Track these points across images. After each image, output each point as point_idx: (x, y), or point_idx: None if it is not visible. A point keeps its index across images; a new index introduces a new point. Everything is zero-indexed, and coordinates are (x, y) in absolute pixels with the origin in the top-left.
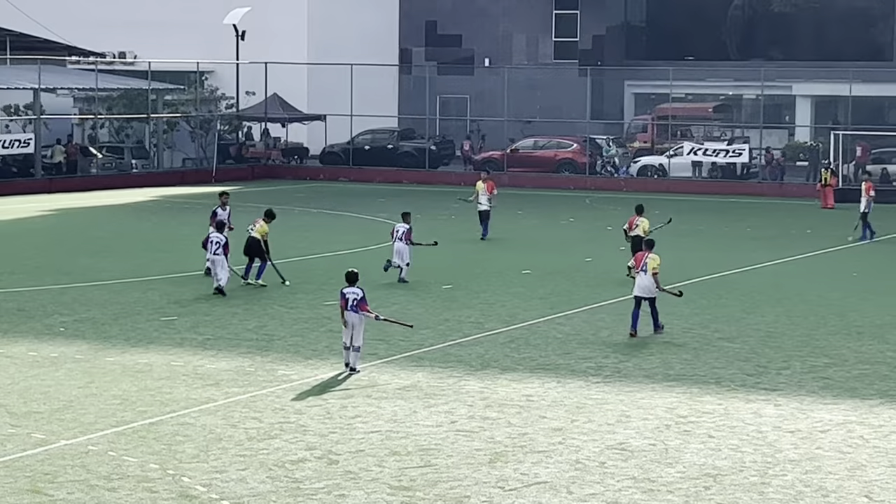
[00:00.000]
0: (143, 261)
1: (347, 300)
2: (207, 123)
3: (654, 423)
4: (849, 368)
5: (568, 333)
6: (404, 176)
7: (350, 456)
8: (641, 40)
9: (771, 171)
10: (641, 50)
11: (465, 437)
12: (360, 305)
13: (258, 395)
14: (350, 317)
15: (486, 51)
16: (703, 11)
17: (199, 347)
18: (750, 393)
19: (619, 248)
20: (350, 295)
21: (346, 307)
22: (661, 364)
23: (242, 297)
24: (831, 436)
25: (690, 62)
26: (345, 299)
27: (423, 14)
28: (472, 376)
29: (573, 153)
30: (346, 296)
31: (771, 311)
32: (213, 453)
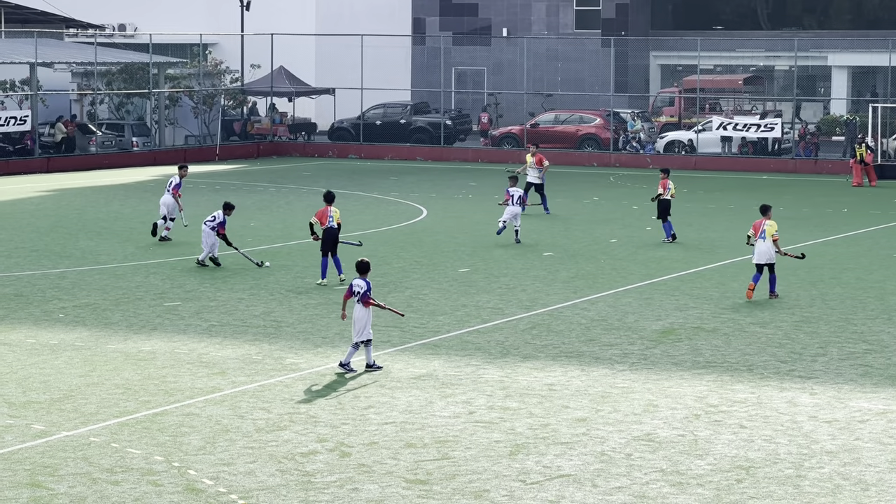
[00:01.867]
0: (145, 244)
1: (355, 293)
2: (211, 98)
3: (682, 413)
4: (889, 355)
5: (592, 319)
6: (418, 152)
7: (363, 448)
8: (667, 9)
9: (805, 146)
10: (667, 19)
11: (484, 428)
12: (363, 300)
13: (266, 385)
14: (357, 310)
15: (503, 20)
16: None
17: (204, 334)
18: (784, 381)
19: (647, 229)
20: (356, 287)
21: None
22: (691, 350)
23: (248, 282)
24: (871, 426)
25: (719, 31)
26: (351, 290)
27: None
28: (492, 364)
29: (596, 128)
30: (353, 287)
31: (805, 294)
32: (220, 445)
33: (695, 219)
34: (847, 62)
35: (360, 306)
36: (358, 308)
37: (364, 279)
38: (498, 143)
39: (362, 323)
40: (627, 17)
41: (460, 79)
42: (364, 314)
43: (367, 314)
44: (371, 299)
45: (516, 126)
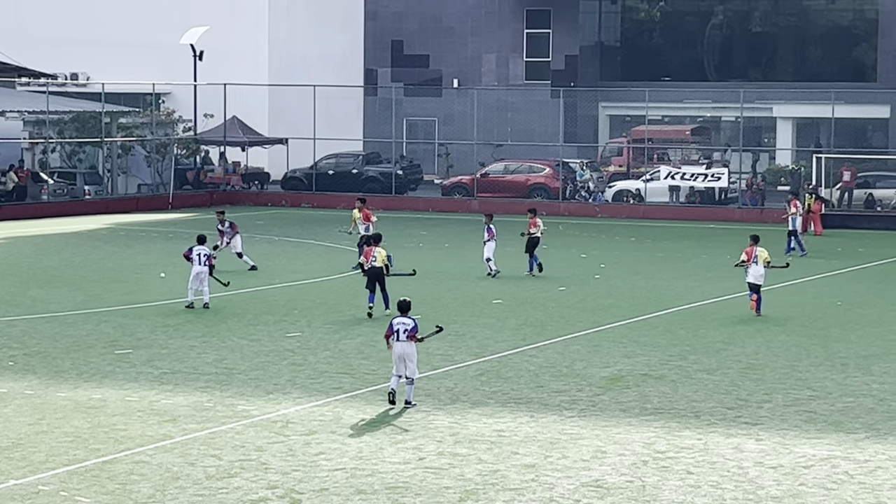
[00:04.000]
0: (96, 291)
1: (397, 331)
2: (164, 147)
3: (630, 459)
4: (833, 401)
5: (541, 366)
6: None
7: (314, 495)
8: (616, 61)
9: (751, 196)
10: (616, 70)
11: (434, 474)
12: (410, 335)
13: (217, 432)
14: (404, 347)
15: (454, 71)
16: (680, 31)
17: (155, 382)
18: (730, 427)
19: (595, 276)
20: (400, 326)
21: (397, 338)
22: (639, 397)
23: (200, 330)
24: (815, 471)
25: (667, 83)
26: (392, 330)
27: (388, 33)
28: (441, 411)
29: (545, 178)
30: (393, 326)
31: (751, 341)
32: (170, 493)
33: (643, 267)
34: (791, 113)
35: (408, 343)
36: (407, 345)
37: (409, 317)
38: (449, 193)
39: (414, 360)
40: (577, 69)
41: (412, 129)
42: (413, 350)
43: (415, 350)
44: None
45: (467, 176)
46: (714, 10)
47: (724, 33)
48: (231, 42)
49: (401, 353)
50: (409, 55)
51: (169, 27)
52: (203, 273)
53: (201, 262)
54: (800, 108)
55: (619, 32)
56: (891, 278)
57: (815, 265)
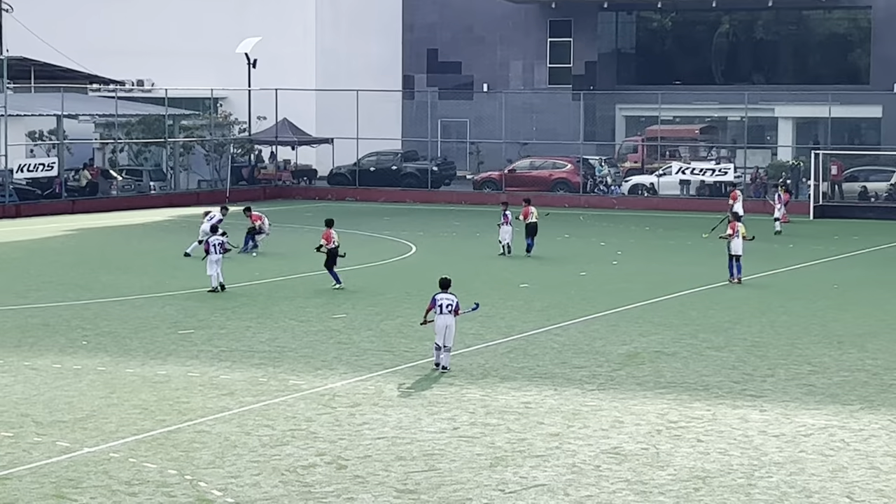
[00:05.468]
0: (160, 277)
1: (441, 305)
2: (221, 147)
3: (646, 429)
4: (830, 375)
5: (564, 343)
6: (408, 195)
7: (358, 461)
8: (632, 66)
9: (755, 188)
10: (632, 75)
11: (467, 442)
12: (454, 310)
13: (271, 404)
14: (446, 319)
15: (484, 77)
16: (690, 38)
17: (214, 359)
18: (737, 399)
19: (613, 263)
20: (445, 300)
21: (440, 311)
22: (653, 372)
23: (256, 312)
24: (814, 439)
25: (678, 86)
26: (435, 303)
27: (424, 43)
28: (474, 385)
29: (567, 173)
30: (437, 301)
31: (756, 321)
32: (228, 459)
33: (656, 254)
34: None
35: (451, 317)
36: (450, 318)
37: (451, 293)
38: (479, 187)
39: (452, 330)
40: (596, 74)
41: (445, 129)
42: (453, 323)
43: (455, 323)
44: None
45: (496, 171)
46: (721, 20)
47: (730, 41)
48: (282, 51)
49: (444, 325)
50: (443, 62)
51: (225, 38)
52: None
53: (217, 250)
54: (799, 109)
55: (634, 40)
56: (883, 263)
57: (814, 251)
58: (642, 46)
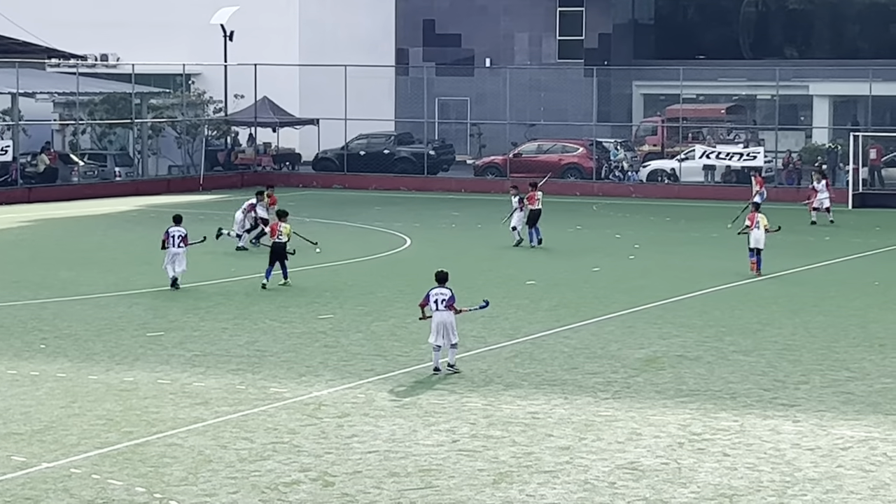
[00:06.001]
0: (127, 274)
1: (436, 301)
2: (194, 128)
3: (666, 441)
4: (871, 382)
5: (575, 347)
6: (402, 182)
7: (347, 478)
8: (650, 39)
9: (787, 174)
10: (650, 49)
11: (468, 456)
12: (449, 304)
13: (249, 414)
14: (442, 316)
15: (486, 51)
16: (715, 8)
17: (186, 364)
18: (767, 409)
19: (629, 257)
20: (439, 296)
21: (436, 308)
22: (674, 379)
23: (232, 311)
24: (853, 453)
25: (701, 61)
26: (429, 299)
27: (420, 12)
28: (475, 393)
29: (579, 157)
30: (431, 296)
31: (788, 322)
32: (202, 475)
33: (677, 247)
34: (828, 91)
35: (447, 312)
36: (446, 314)
37: (447, 287)
38: (481, 173)
39: (452, 326)
40: (610, 47)
41: (443, 109)
42: (452, 318)
43: (454, 318)
44: (455, 305)
45: (499, 156)
46: None
47: (760, 10)
48: (261, 22)
49: (440, 322)
50: (441, 34)
51: (199, 7)
52: (179, 254)
53: (175, 243)
54: (836, 86)
55: (652, 10)
56: None
57: (853, 244)
58: (662, 17)
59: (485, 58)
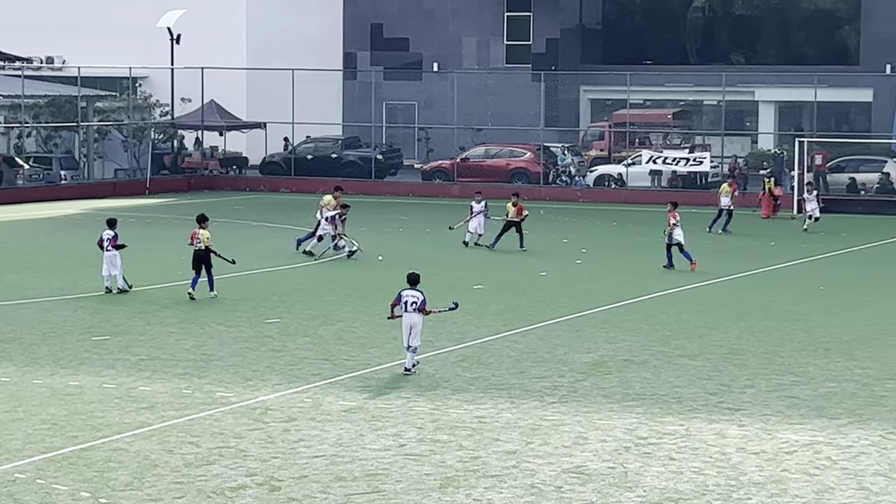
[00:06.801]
0: (72, 277)
1: (406, 302)
2: (141, 132)
3: (612, 446)
4: (815, 386)
5: (522, 351)
6: (349, 186)
7: (293, 482)
8: (597, 44)
9: None
10: (597, 54)
11: (415, 461)
12: (419, 308)
13: (195, 419)
14: (411, 318)
15: (434, 55)
16: (662, 14)
17: (132, 368)
18: (713, 413)
19: (576, 262)
20: (410, 297)
21: (405, 309)
22: (620, 383)
23: (178, 315)
24: (797, 457)
25: (648, 67)
26: (401, 300)
27: (368, 16)
28: (422, 397)
29: (526, 162)
30: (402, 297)
31: (734, 326)
32: (147, 480)
33: (624, 252)
34: (774, 97)
35: (417, 315)
36: (416, 316)
37: (418, 290)
38: (429, 177)
39: (419, 329)
40: (558, 52)
41: (391, 113)
42: (420, 321)
43: (422, 322)
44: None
45: (447, 160)
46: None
47: (706, 16)
48: (208, 25)
49: (409, 324)
50: (389, 38)
51: (145, 10)
52: (111, 257)
53: (104, 246)
54: (782, 92)
55: (600, 15)
56: (874, 262)
57: (798, 249)
58: (609, 22)
59: (433, 62)
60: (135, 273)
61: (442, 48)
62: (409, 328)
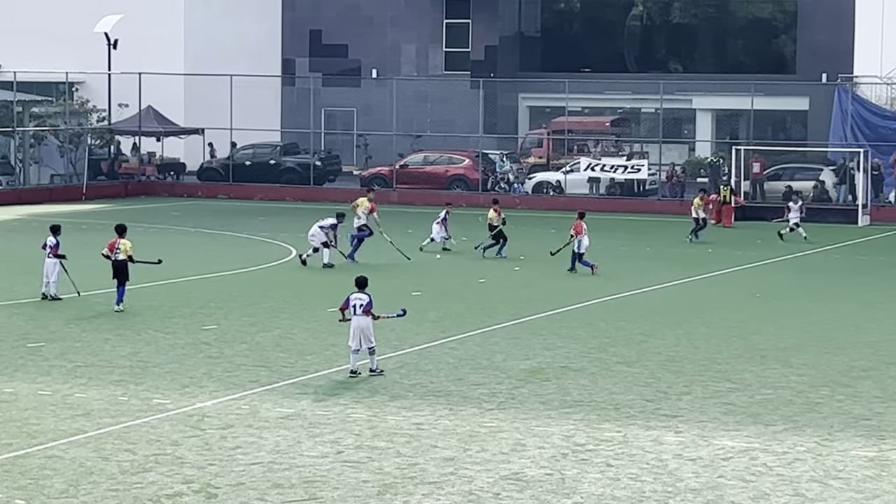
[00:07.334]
0: (7, 284)
1: (354, 306)
2: (77, 137)
3: (550, 452)
4: (752, 393)
5: (460, 358)
6: (287, 193)
7: (230, 489)
8: (536, 51)
9: (671, 187)
10: (536, 61)
11: (352, 468)
12: (366, 310)
13: (132, 426)
14: (360, 321)
15: (373, 61)
16: (600, 22)
17: (68, 375)
18: (650, 419)
19: (515, 269)
20: (357, 300)
21: (354, 312)
22: (558, 390)
23: (114, 322)
24: (734, 463)
25: (587, 74)
26: (349, 303)
27: (306, 22)
28: (360, 404)
29: (465, 169)
30: (350, 301)
31: (671, 333)
32: (83, 488)
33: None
34: (711, 105)
35: (364, 317)
36: (363, 319)
37: (365, 293)
38: (368, 184)
39: (369, 331)
40: (496, 60)
41: (330, 119)
42: (368, 324)
43: (371, 323)
44: (372, 311)
45: (385, 167)
46: (634, 1)
47: (644, 24)
48: (146, 30)
49: (357, 327)
50: (328, 45)
51: (83, 15)
52: (50, 264)
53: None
54: (719, 100)
55: (539, 23)
56: (809, 270)
57: (735, 257)
58: (548, 30)
59: (371, 69)
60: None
61: (381, 55)
62: (358, 331)
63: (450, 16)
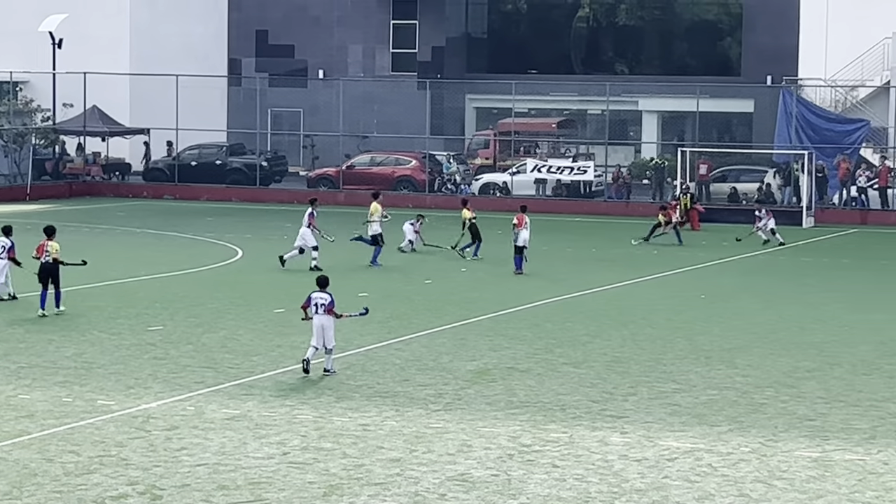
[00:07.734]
0: None
1: (316, 304)
2: (21, 137)
3: (496, 453)
4: (697, 394)
5: (407, 359)
6: (233, 193)
7: (175, 491)
8: (483, 53)
9: (617, 189)
10: (483, 63)
11: (298, 469)
12: (328, 309)
13: (76, 427)
14: (321, 320)
15: (320, 62)
16: (547, 24)
17: (12, 377)
18: (596, 420)
19: (461, 270)
20: (318, 299)
21: (316, 311)
22: (504, 391)
23: (59, 323)
24: (679, 464)
25: (533, 76)
26: (310, 302)
27: (253, 23)
28: (306, 405)
29: (412, 170)
30: (312, 300)
31: (617, 334)
32: (27, 489)
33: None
34: (657, 107)
35: (326, 316)
36: (325, 318)
37: (326, 292)
38: (314, 185)
39: (331, 331)
40: (443, 61)
41: (276, 120)
42: (330, 323)
43: (332, 323)
44: (334, 310)
45: (332, 168)
46: (581, 3)
47: (591, 26)
48: (91, 30)
49: (318, 326)
50: (274, 45)
51: (27, 14)
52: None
53: None
54: (665, 102)
55: (485, 24)
56: (754, 272)
57: (680, 258)
58: (495, 31)
59: (318, 69)
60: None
61: (328, 55)
62: (320, 329)
63: (397, 17)
